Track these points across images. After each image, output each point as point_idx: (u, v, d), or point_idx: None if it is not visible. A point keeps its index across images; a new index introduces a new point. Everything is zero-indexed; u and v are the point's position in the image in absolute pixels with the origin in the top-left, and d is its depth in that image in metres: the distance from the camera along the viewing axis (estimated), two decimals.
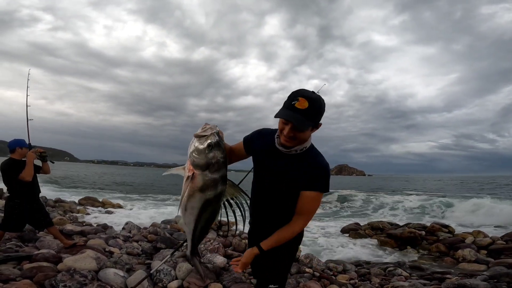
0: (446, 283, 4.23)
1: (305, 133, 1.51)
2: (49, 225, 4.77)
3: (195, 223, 1.69)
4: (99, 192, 19.02)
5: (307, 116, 1.44)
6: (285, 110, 1.47)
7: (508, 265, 5.32)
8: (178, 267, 4.29)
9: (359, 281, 4.82)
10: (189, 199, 1.63)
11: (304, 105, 1.42)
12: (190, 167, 1.58)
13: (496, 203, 13.42)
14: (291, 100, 1.46)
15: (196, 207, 1.63)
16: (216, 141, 1.53)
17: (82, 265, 3.82)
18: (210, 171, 1.55)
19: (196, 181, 1.57)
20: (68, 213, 9.37)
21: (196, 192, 1.59)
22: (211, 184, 1.56)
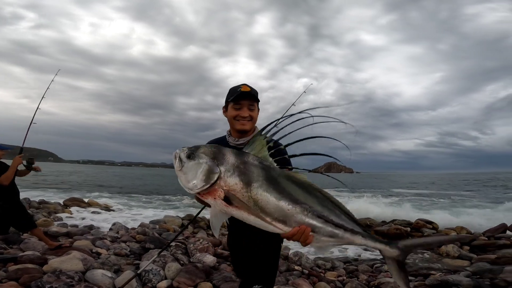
0: (430, 279, 4.34)
1: (256, 111, 1.81)
2: (32, 227, 4.67)
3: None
4: (84, 193, 18.65)
5: (254, 94, 1.78)
6: (236, 96, 1.75)
7: (491, 261, 5.50)
8: (167, 267, 4.27)
9: (347, 278, 4.90)
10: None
11: (247, 89, 1.76)
12: (207, 193, 1.31)
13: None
14: (236, 89, 1.78)
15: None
16: (183, 152, 1.34)
17: (68, 266, 3.76)
18: (226, 167, 1.31)
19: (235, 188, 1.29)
20: (53, 214, 9.17)
21: (256, 189, 1.30)
22: (245, 171, 1.32)
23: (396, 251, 1.38)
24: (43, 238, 4.76)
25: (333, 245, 1.41)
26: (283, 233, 1.34)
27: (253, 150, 1.40)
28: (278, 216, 1.31)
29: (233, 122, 1.80)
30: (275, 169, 1.37)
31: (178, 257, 4.83)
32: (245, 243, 1.86)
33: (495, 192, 22.71)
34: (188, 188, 1.31)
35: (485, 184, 32.85)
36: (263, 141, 1.41)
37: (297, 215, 1.32)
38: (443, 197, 18.34)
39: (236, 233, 1.91)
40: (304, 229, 1.31)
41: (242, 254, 1.88)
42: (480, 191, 24.36)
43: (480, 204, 15.60)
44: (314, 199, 1.36)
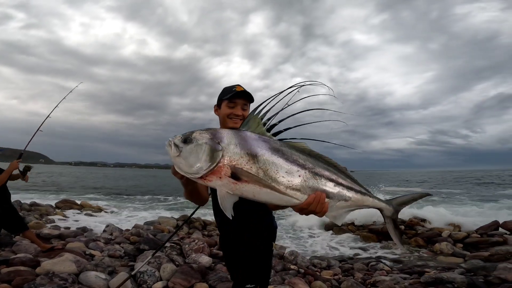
0: (425, 276, 4.37)
1: (248, 111, 1.81)
2: (23, 229, 4.60)
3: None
4: (77, 195, 18.42)
5: (249, 94, 1.79)
6: (232, 95, 1.76)
7: (484, 258, 5.56)
8: (162, 268, 4.23)
9: (343, 277, 4.91)
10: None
11: (242, 89, 1.79)
12: (212, 174, 1.25)
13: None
14: (231, 88, 1.80)
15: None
16: (177, 138, 1.30)
17: (61, 268, 3.70)
18: (227, 143, 1.27)
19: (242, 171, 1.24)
20: (45, 216, 9.03)
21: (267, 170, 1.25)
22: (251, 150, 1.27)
23: (392, 209, 1.47)
24: (35, 240, 4.69)
25: (347, 211, 1.40)
26: (299, 203, 1.28)
27: (250, 128, 1.37)
28: (291, 183, 1.26)
29: (226, 120, 1.79)
30: (276, 141, 1.35)
31: (173, 258, 4.79)
32: (236, 243, 1.84)
33: (487, 190, 23.07)
34: (192, 172, 1.25)
35: (476, 181, 33.35)
36: (258, 118, 1.39)
37: (310, 180, 1.28)
38: (435, 195, 18.55)
39: (228, 233, 1.90)
40: (320, 196, 1.27)
41: (234, 254, 1.87)
42: (472, 188, 24.71)
43: (472, 201, 15.81)
44: (321, 164, 1.34)
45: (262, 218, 1.83)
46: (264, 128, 1.38)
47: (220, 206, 1.79)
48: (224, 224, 1.87)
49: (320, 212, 1.29)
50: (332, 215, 1.36)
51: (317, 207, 1.28)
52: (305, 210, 1.29)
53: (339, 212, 1.37)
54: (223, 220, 1.85)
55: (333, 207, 1.34)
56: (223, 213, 1.71)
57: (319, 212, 1.30)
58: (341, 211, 1.37)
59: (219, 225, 1.93)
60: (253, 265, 1.79)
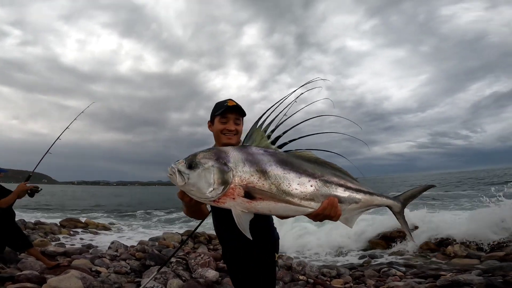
0: (441, 280, 4.25)
1: (241, 125, 1.78)
2: (28, 247, 4.57)
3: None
4: (81, 213, 18.33)
5: (241, 108, 1.75)
6: (223, 110, 1.72)
7: (500, 258, 5.41)
8: (169, 284, 4.14)
9: (354, 285, 4.80)
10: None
11: (233, 103, 1.74)
12: (224, 196, 1.24)
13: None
14: (223, 103, 1.76)
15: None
16: (181, 164, 1.27)
17: (68, 285, 3.64)
18: (234, 162, 1.26)
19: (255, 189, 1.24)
20: (50, 234, 8.97)
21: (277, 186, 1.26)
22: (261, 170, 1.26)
23: (400, 204, 1.53)
24: (40, 258, 4.64)
25: (358, 213, 1.43)
26: (313, 211, 1.30)
27: (254, 142, 1.38)
28: (304, 194, 1.28)
29: (220, 136, 1.76)
30: (281, 153, 1.36)
31: (180, 273, 4.70)
32: (239, 257, 1.80)
33: (495, 189, 22.74)
34: (206, 198, 1.24)
35: (482, 181, 32.97)
36: (261, 131, 1.39)
37: (321, 188, 1.31)
38: (443, 198, 18.30)
39: (230, 247, 1.85)
40: (333, 201, 1.30)
41: (236, 268, 1.82)
42: (480, 189, 24.39)
43: (482, 201, 15.57)
44: (329, 171, 1.37)
45: (266, 230, 1.80)
46: (269, 141, 1.38)
47: (222, 222, 1.75)
48: (231, 240, 1.81)
49: (334, 216, 1.32)
50: (344, 218, 1.39)
51: (332, 211, 1.30)
52: (320, 216, 1.32)
53: (351, 214, 1.41)
54: (230, 236, 1.79)
55: (345, 210, 1.37)
56: (229, 228, 1.67)
57: (334, 216, 1.32)
58: (353, 213, 1.41)
59: (225, 241, 1.87)
60: (261, 279, 1.75)
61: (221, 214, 1.72)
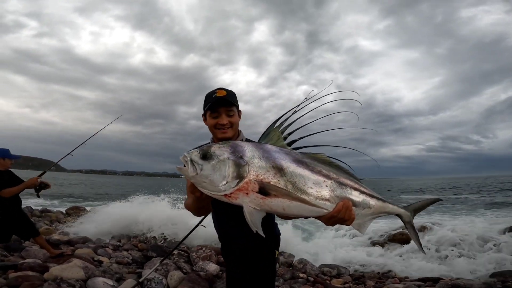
0: (441, 283, 4.23)
1: (236, 116, 1.69)
2: (35, 235, 4.64)
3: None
4: (87, 202, 18.57)
5: (230, 98, 1.65)
6: (211, 103, 1.64)
7: None
8: (169, 276, 4.19)
9: (354, 285, 4.80)
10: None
11: (223, 93, 1.65)
12: (238, 191, 1.19)
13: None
14: (211, 94, 1.67)
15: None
16: (195, 154, 1.22)
17: (69, 274, 3.70)
18: (251, 157, 1.22)
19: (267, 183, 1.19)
20: (55, 223, 9.11)
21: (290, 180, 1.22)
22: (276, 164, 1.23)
23: (410, 214, 1.51)
24: (45, 246, 4.73)
25: (370, 219, 1.40)
26: (327, 212, 1.26)
27: (270, 141, 1.34)
28: (320, 194, 1.24)
29: (214, 131, 1.68)
30: (297, 153, 1.32)
31: (181, 266, 4.75)
32: (238, 253, 1.75)
33: (503, 196, 22.45)
34: (218, 191, 1.19)
35: (491, 187, 32.57)
36: (278, 132, 1.36)
37: (336, 190, 1.28)
38: (452, 202, 18.15)
39: (229, 245, 1.80)
40: (348, 204, 1.27)
41: (236, 264, 1.75)
42: (489, 194, 24.09)
43: (488, 207, 15.40)
44: (343, 173, 1.34)
45: (268, 226, 1.69)
46: (285, 143, 1.35)
47: (224, 218, 1.72)
48: (236, 237, 1.74)
49: (348, 219, 1.29)
50: (357, 223, 1.36)
51: (346, 214, 1.27)
52: (334, 218, 1.28)
53: (363, 220, 1.38)
54: (234, 232, 1.74)
55: (359, 215, 1.34)
56: (233, 225, 1.68)
57: (347, 220, 1.29)
58: (365, 219, 1.39)
59: (229, 238, 1.80)
60: (261, 275, 1.72)
61: (228, 210, 1.63)
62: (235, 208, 1.35)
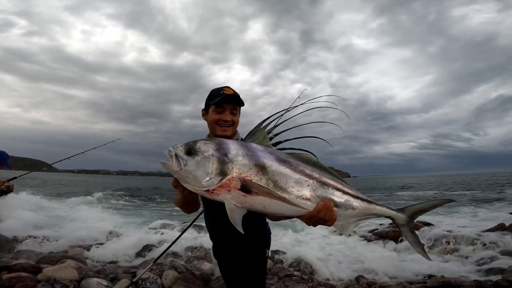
0: (432, 280, 4.29)
1: (238, 116, 1.71)
2: None
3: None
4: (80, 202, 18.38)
5: (238, 97, 1.67)
6: (220, 99, 1.64)
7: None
8: (164, 275, 4.19)
9: (348, 282, 4.83)
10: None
11: (231, 92, 1.67)
12: (220, 187, 1.21)
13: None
14: (219, 91, 1.68)
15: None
16: (179, 149, 1.25)
17: (63, 275, 3.68)
18: (234, 154, 1.26)
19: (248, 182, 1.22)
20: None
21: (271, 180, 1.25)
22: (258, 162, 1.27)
23: (405, 217, 1.44)
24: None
25: (355, 221, 1.38)
26: (307, 212, 1.28)
27: (256, 140, 1.38)
28: (301, 194, 1.26)
29: (214, 127, 1.68)
30: (281, 153, 1.35)
31: (176, 265, 4.75)
32: (230, 252, 1.74)
33: (493, 192, 22.83)
34: (201, 187, 1.21)
35: (481, 184, 33.10)
36: (264, 132, 1.40)
37: (318, 189, 1.29)
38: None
39: (221, 242, 1.78)
40: (329, 204, 1.28)
41: (228, 263, 1.76)
42: (478, 191, 24.48)
43: (478, 204, 15.64)
44: (326, 174, 1.35)
45: (258, 225, 1.75)
46: (270, 143, 1.39)
47: (213, 216, 1.71)
48: (223, 235, 1.75)
49: (329, 219, 1.29)
50: (340, 225, 1.36)
51: (326, 214, 1.27)
52: (314, 218, 1.28)
53: (347, 222, 1.37)
54: (222, 230, 1.74)
55: (341, 216, 1.34)
56: (221, 222, 1.62)
57: (328, 220, 1.29)
58: (349, 221, 1.37)
59: (216, 236, 1.80)
60: (252, 274, 1.71)
61: (213, 207, 1.69)
62: (219, 205, 1.35)
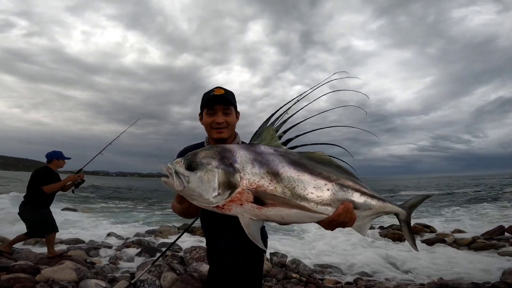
0: (430, 282, 4.31)
1: (233, 116, 1.63)
2: (55, 230, 4.89)
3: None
4: (78, 203, 18.41)
5: (228, 97, 1.61)
6: (208, 100, 1.60)
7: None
8: (163, 277, 4.19)
9: (346, 284, 4.84)
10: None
11: (221, 92, 1.61)
12: (231, 202, 1.08)
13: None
14: (209, 93, 1.63)
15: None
16: (179, 165, 1.10)
17: (61, 276, 3.69)
18: (242, 163, 1.10)
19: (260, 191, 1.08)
20: None
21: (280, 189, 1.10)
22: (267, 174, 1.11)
23: (406, 213, 1.46)
24: (49, 245, 4.79)
25: (370, 220, 1.34)
26: (326, 217, 1.17)
27: (263, 141, 1.22)
28: (321, 199, 1.15)
29: (210, 130, 1.62)
30: (293, 153, 1.20)
31: (174, 267, 4.75)
32: (229, 256, 1.69)
33: (492, 194, 22.85)
34: (209, 203, 1.07)
35: (480, 186, 33.14)
36: (272, 130, 1.23)
37: (338, 193, 1.19)
38: (441, 200, 18.43)
39: (216, 249, 1.74)
40: (349, 206, 1.19)
41: (225, 267, 1.70)
42: (477, 193, 24.50)
43: (477, 206, 15.65)
44: (343, 174, 1.25)
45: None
46: (280, 142, 1.23)
47: (214, 221, 1.66)
48: (214, 239, 1.72)
49: (349, 221, 1.21)
50: (357, 225, 1.29)
51: (347, 217, 1.19)
52: (334, 222, 1.19)
53: (363, 222, 1.32)
54: (212, 235, 1.72)
55: (360, 217, 1.27)
56: (224, 228, 1.62)
57: (348, 222, 1.21)
58: (365, 220, 1.32)
59: (208, 240, 1.77)
60: (248, 278, 1.69)
61: (215, 218, 1.59)
62: (217, 220, 1.36)
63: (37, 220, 4.64)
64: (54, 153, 4.90)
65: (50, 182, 4.68)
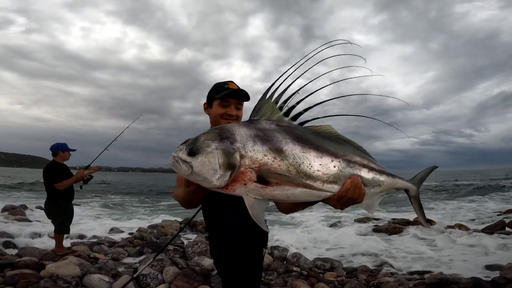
0: (430, 277, 4.33)
1: (242, 111, 1.66)
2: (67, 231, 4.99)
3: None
4: (80, 198, 18.55)
5: (244, 93, 1.63)
6: (227, 93, 1.59)
7: None
8: (165, 271, 4.24)
9: (346, 278, 4.89)
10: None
11: (235, 86, 1.63)
12: (234, 181, 1.04)
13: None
14: (223, 85, 1.63)
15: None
16: (182, 152, 1.07)
17: (65, 272, 3.74)
18: (242, 141, 1.04)
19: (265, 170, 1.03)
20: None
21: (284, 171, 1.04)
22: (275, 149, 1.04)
23: (416, 188, 1.43)
24: (58, 243, 4.85)
25: (379, 198, 1.28)
26: (332, 195, 1.11)
27: (264, 116, 1.14)
28: (327, 177, 1.08)
29: (219, 120, 1.61)
30: (298, 128, 1.13)
31: (176, 261, 4.80)
32: (227, 250, 1.67)
33: (494, 189, 22.85)
34: (215, 185, 1.04)
35: (482, 180, 33.11)
36: (271, 103, 1.15)
37: (345, 169, 1.12)
38: (440, 193, 18.45)
39: (218, 242, 1.72)
40: (357, 180, 1.11)
41: (226, 261, 1.70)
42: (479, 188, 24.50)
43: (478, 200, 15.67)
44: (351, 150, 1.18)
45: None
46: (281, 113, 1.15)
47: (216, 210, 1.65)
48: (216, 231, 1.70)
49: (359, 197, 1.13)
50: (366, 203, 1.22)
51: (355, 192, 1.11)
52: (343, 199, 1.12)
53: (372, 199, 1.25)
54: (214, 227, 1.70)
55: (368, 194, 1.19)
56: (225, 221, 1.61)
57: (358, 198, 1.13)
58: (374, 198, 1.26)
59: (210, 233, 1.75)
60: (248, 273, 1.68)
61: (216, 200, 1.57)
62: (221, 202, 1.37)
63: (57, 216, 4.72)
64: (59, 145, 4.85)
65: (60, 176, 4.67)
